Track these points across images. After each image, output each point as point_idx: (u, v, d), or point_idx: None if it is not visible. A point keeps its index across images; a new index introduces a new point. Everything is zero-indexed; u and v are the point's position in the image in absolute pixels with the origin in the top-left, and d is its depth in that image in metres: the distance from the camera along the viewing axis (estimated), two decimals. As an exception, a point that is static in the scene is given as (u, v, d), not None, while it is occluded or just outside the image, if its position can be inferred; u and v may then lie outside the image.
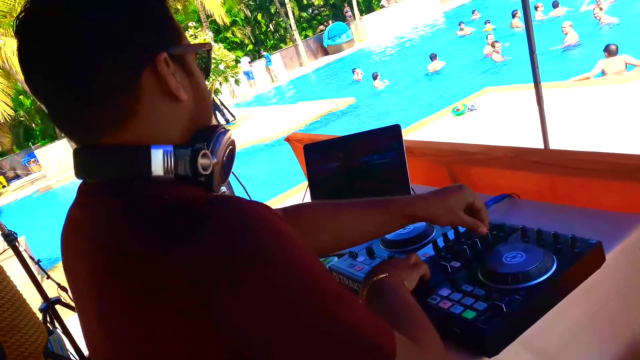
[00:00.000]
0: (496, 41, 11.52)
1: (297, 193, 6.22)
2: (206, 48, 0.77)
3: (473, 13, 17.56)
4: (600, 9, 11.02)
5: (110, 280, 0.64)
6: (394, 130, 1.62)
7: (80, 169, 0.72)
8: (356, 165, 1.71)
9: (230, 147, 0.76)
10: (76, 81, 0.66)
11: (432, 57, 13.06)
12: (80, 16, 0.64)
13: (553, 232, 1.03)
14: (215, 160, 0.72)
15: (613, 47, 7.59)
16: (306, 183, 1.99)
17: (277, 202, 6.50)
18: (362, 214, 1.08)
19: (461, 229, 1.20)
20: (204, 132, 0.73)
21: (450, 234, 1.19)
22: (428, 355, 0.74)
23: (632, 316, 1.09)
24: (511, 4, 15.82)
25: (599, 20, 10.95)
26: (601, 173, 1.29)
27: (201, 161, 0.69)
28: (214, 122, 0.85)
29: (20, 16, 0.67)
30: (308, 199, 1.87)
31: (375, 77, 13.95)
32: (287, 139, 2.64)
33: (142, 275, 0.59)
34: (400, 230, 1.31)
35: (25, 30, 0.67)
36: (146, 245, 0.60)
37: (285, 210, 1.13)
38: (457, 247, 1.12)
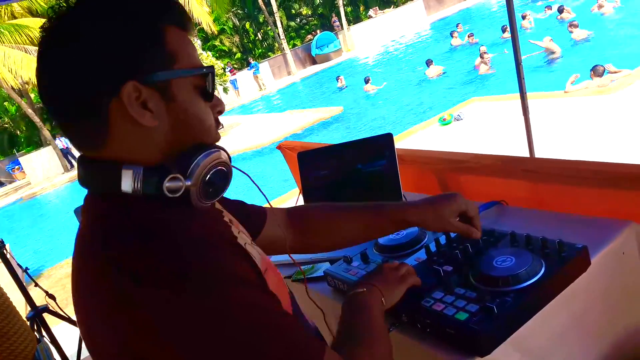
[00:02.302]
0: (485, 52, 11.59)
1: (288, 200, 6.24)
2: (195, 73, 0.78)
3: (457, 26, 17.62)
4: (571, 25, 11.27)
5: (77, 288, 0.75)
6: (386, 139, 1.66)
7: (78, 177, 0.81)
8: (349, 172, 1.74)
9: (215, 168, 0.79)
10: (56, 103, 0.75)
11: (428, 63, 13.16)
12: (57, 50, 0.73)
13: (541, 237, 1.06)
14: (191, 182, 0.76)
15: (600, 69, 7.47)
16: (297, 190, 2.02)
17: (266, 210, 6.50)
18: (358, 218, 1.16)
19: (452, 234, 1.24)
20: (187, 154, 0.77)
21: (442, 239, 1.23)
22: None
23: (615, 318, 1.13)
24: (495, 14, 16.03)
25: (571, 33, 11.18)
26: (587, 181, 1.33)
27: (168, 184, 0.74)
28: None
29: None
30: (300, 206, 1.90)
31: (367, 81, 14.26)
32: (279, 147, 2.67)
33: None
34: (394, 235, 1.34)
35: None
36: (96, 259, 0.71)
37: (290, 210, 1.22)
38: (449, 251, 1.16)
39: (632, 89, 6.95)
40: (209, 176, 0.78)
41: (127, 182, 0.73)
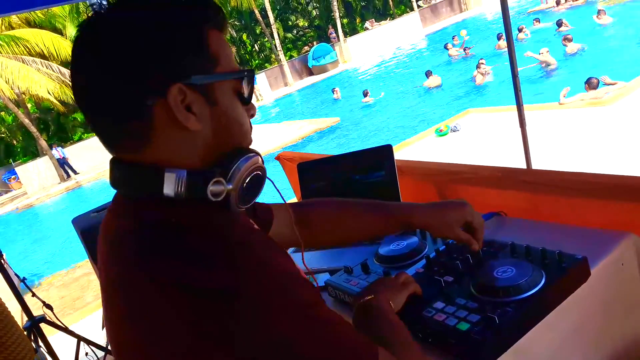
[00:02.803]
0: (483, 63, 11.64)
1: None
2: (236, 77, 0.78)
3: (453, 39, 17.70)
4: (565, 38, 11.40)
5: (112, 295, 0.73)
6: (386, 150, 1.68)
7: (110, 178, 0.79)
8: (348, 183, 1.76)
9: (253, 172, 0.79)
10: (98, 104, 0.74)
11: (428, 74, 13.25)
12: (102, 49, 0.72)
13: (541, 248, 1.07)
14: (231, 186, 0.76)
15: (594, 81, 7.51)
16: (294, 200, 2.03)
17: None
18: (364, 216, 1.17)
19: (450, 242, 1.25)
20: (227, 158, 0.77)
21: (443, 249, 1.23)
22: None
23: (614, 328, 1.14)
24: (491, 26, 16.14)
25: (566, 47, 11.29)
26: (586, 192, 1.35)
27: (211, 188, 0.74)
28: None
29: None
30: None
31: (365, 95, 14.46)
32: (278, 157, 2.68)
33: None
34: (394, 246, 1.35)
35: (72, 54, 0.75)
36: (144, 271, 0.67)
37: (295, 206, 1.21)
38: (450, 262, 1.16)
39: (627, 101, 7.01)
40: (247, 180, 0.78)
41: (170, 186, 0.73)
